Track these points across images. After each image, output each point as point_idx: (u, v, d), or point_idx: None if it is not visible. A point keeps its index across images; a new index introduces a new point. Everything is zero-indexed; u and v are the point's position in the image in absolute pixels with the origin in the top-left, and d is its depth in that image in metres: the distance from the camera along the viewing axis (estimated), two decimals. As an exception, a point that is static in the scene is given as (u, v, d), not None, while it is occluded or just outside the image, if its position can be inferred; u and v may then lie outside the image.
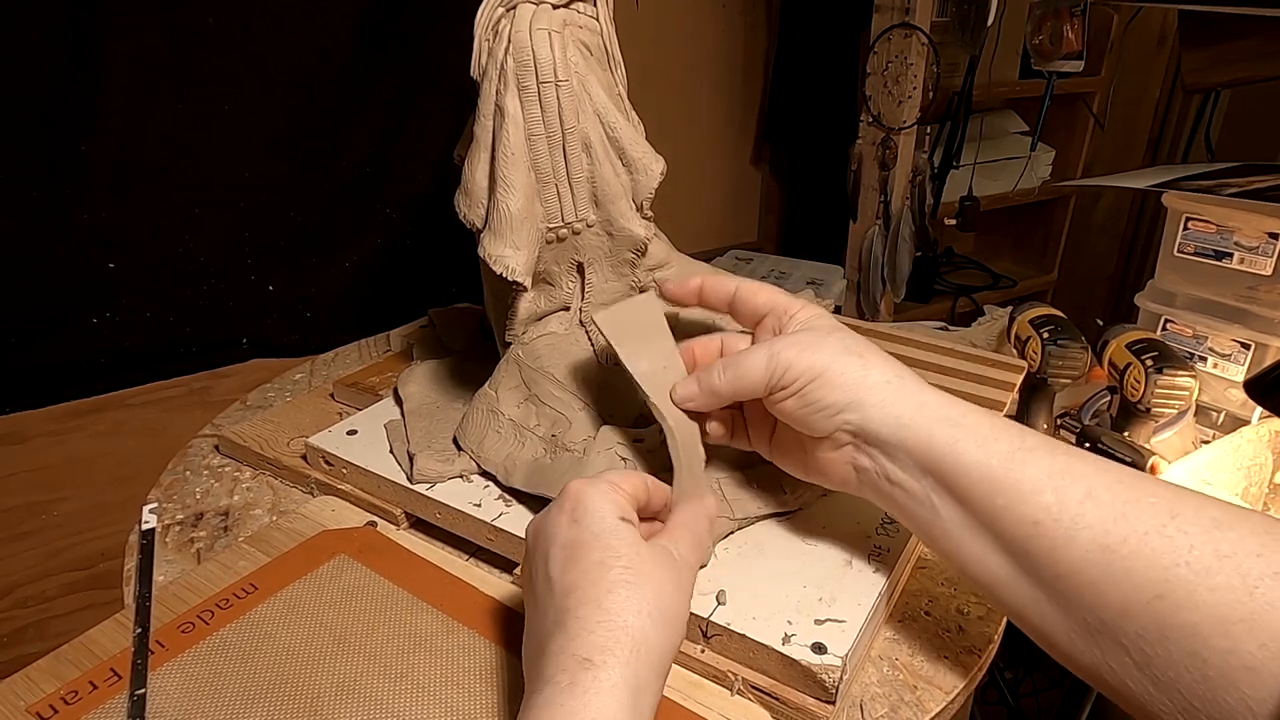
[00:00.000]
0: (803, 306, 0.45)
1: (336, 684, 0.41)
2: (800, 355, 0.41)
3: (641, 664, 0.33)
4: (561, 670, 0.33)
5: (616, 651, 0.33)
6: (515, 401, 0.55)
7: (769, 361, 0.42)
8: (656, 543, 0.39)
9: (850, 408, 0.41)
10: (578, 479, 0.40)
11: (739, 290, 0.47)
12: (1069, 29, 1.38)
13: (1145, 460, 0.69)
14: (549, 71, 0.49)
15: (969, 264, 1.89)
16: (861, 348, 0.42)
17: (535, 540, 0.40)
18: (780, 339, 0.43)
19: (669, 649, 0.36)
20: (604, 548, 0.36)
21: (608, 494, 0.39)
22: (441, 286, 1.01)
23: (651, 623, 0.34)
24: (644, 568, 0.36)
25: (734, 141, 1.72)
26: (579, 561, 0.36)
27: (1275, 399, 0.71)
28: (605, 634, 0.33)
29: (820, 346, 0.42)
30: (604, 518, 0.38)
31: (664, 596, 0.36)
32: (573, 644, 0.33)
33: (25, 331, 0.82)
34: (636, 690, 0.33)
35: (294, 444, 0.62)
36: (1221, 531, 0.32)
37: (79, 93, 0.79)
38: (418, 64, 0.95)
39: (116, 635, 0.45)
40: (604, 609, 0.34)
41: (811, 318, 0.45)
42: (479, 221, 0.51)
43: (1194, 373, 0.76)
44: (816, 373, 0.41)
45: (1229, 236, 0.87)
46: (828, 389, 0.41)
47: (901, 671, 0.44)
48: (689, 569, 0.39)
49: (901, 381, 0.41)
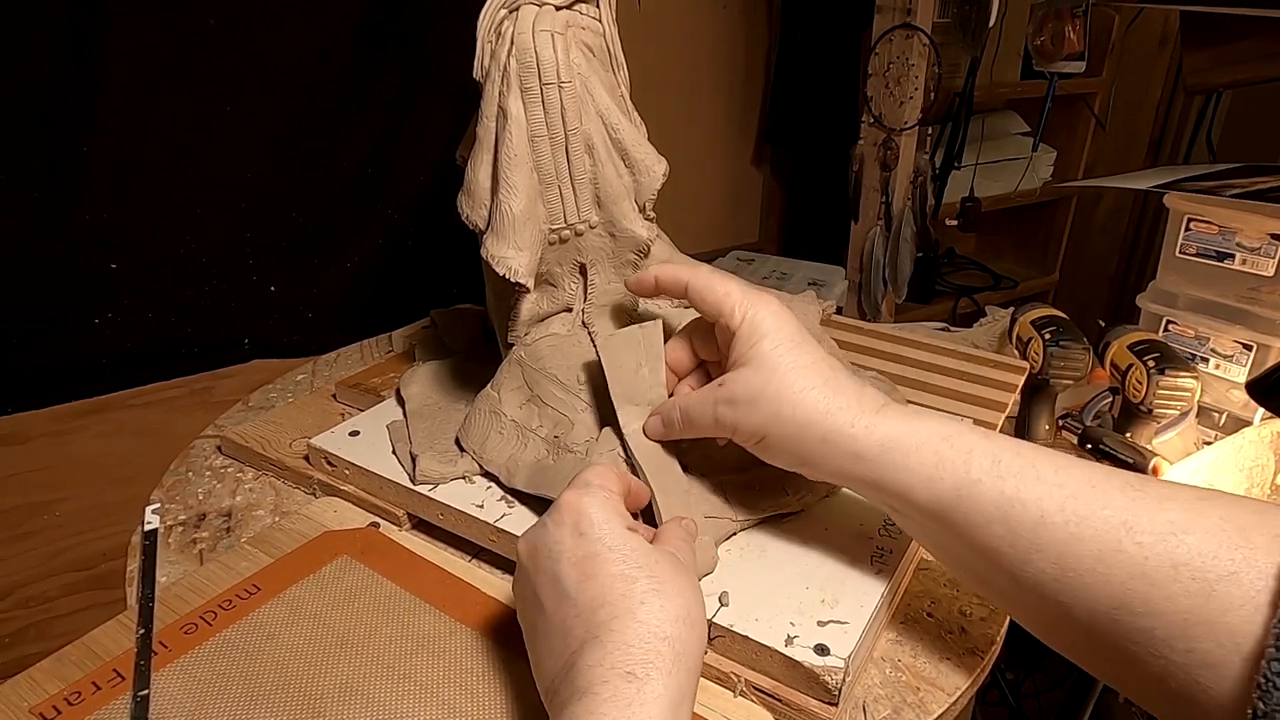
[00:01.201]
0: (742, 317, 0.44)
1: (339, 685, 0.41)
2: (742, 419, 0.43)
3: (682, 672, 0.33)
4: (602, 682, 0.32)
5: (659, 664, 0.33)
6: (518, 403, 0.55)
7: (715, 422, 0.44)
8: (662, 549, 0.39)
9: (802, 463, 0.43)
10: (569, 490, 0.40)
11: (689, 286, 0.46)
12: (1070, 30, 1.38)
13: (1147, 461, 0.69)
14: (552, 73, 0.49)
15: (970, 265, 1.89)
16: (799, 382, 0.41)
17: (535, 558, 0.39)
18: (722, 390, 0.44)
19: (701, 651, 0.36)
20: (622, 559, 0.36)
21: (607, 503, 0.39)
22: (443, 287, 1.01)
23: (686, 629, 0.35)
24: (666, 575, 0.36)
25: (735, 142, 1.72)
26: (598, 575, 0.36)
27: (1277, 400, 0.71)
28: (646, 647, 0.33)
29: (758, 404, 0.42)
30: (613, 528, 0.38)
31: (689, 601, 0.36)
32: (611, 658, 0.33)
33: (26, 332, 0.82)
34: (678, 701, 0.33)
35: (296, 445, 0.62)
36: (1178, 537, 0.32)
37: (79, 93, 0.79)
38: (418, 64, 0.95)
39: (119, 636, 0.45)
40: (640, 621, 0.34)
41: (753, 334, 0.43)
42: (481, 222, 0.51)
43: (1196, 374, 0.76)
44: (759, 435, 0.43)
45: (1231, 237, 0.87)
46: (774, 453, 0.43)
47: (904, 673, 0.44)
48: (694, 572, 0.40)
49: (839, 433, 0.40)
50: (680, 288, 0.47)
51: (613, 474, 0.42)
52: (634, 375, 0.50)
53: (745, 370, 0.43)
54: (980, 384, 0.70)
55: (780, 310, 0.44)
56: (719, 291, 0.45)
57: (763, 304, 0.44)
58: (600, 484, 0.40)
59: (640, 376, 0.50)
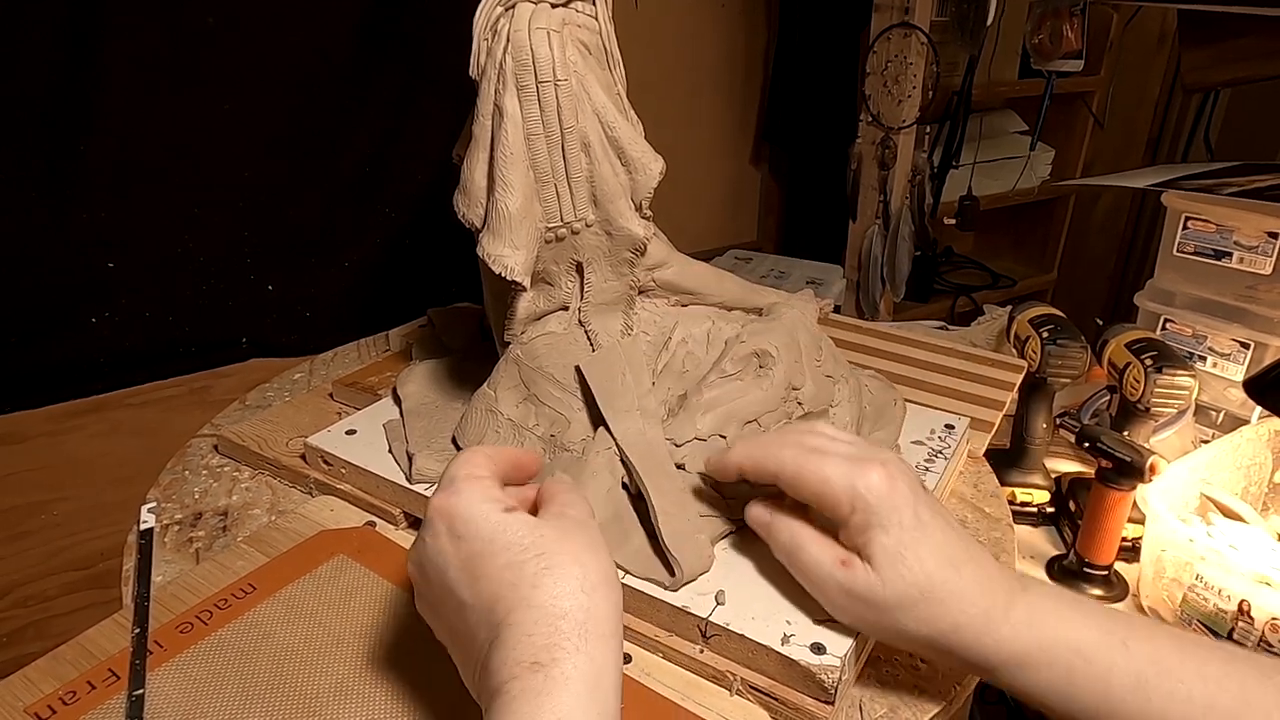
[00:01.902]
0: (851, 507, 0.39)
1: (335, 684, 0.41)
2: (861, 615, 0.39)
3: (593, 643, 0.32)
4: (511, 679, 0.31)
5: (563, 644, 0.32)
6: (514, 401, 0.55)
7: (836, 604, 0.40)
8: (547, 514, 0.38)
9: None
10: (436, 494, 0.38)
11: (780, 478, 0.42)
12: (1068, 28, 1.38)
13: (1145, 460, 0.69)
14: (548, 71, 0.49)
15: (968, 263, 1.89)
16: (923, 593, 0.37)
17: (423, 573, 0.37)
18: (845, 575, 0.39)
19: (613, 610, 0.35)
20: (505, 548, 0.35)
21: (476, 491, 0.37)
22: (441, 286, 1.01)
23: (587, 596, 0.34)
24: (553, 547, 0.35)
25: (733, 141, 1.72)
26: (486, 573, 0.34)
27: (1275, 398, 0.71)
28: (546, 630, 0.32)
29: (878, 609, 0.38)
30: (487, 519, 0.36)
31: (585, 564, 0.35)
32: (515, 653, 0.32)
33: (25, 331, 0.82)
34: (594, 676, 0.32)
35: (293, 444, 0.62)
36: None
37: (79, 93, 0.79)
38: (418, 64, 0.95)
39: (115, 635, 0.45)
40: (535, 606, 0.33)
41: (866, 525, 0.38)
42: (478, 221, 0.51)
43: (1193, 372, 0.76)
44: (875, 637, 0.40)
45: (1228, 236, 0.87)
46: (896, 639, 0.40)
47: (901, 671, 0.44)
48: (589, 525, 0.38)
49: (966, 648, 0.37)
50: (768, 478, 0.43)
51: (481, 457, 0.40)
52: (618, 383, 0.51)
53: (867, 572, 0.38)
54: (978, 382, 0.70)
55: (891, 484, 0.39)
56: (815, 481, 0.40)
57: (870, 486, 0.38)
58: (466, 475, 0.38)
59: (625, 383, 0.51)
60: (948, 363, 0.73)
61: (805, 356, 0.55)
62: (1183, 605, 0.70)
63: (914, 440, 0.59)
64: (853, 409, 0.57)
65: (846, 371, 0.60)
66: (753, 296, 0.62)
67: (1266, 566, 0.65)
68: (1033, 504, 0.86)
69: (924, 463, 0.56)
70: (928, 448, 0.58)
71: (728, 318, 0.59)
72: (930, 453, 0.57)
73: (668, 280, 0.57)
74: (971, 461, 0.63)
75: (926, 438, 0.59)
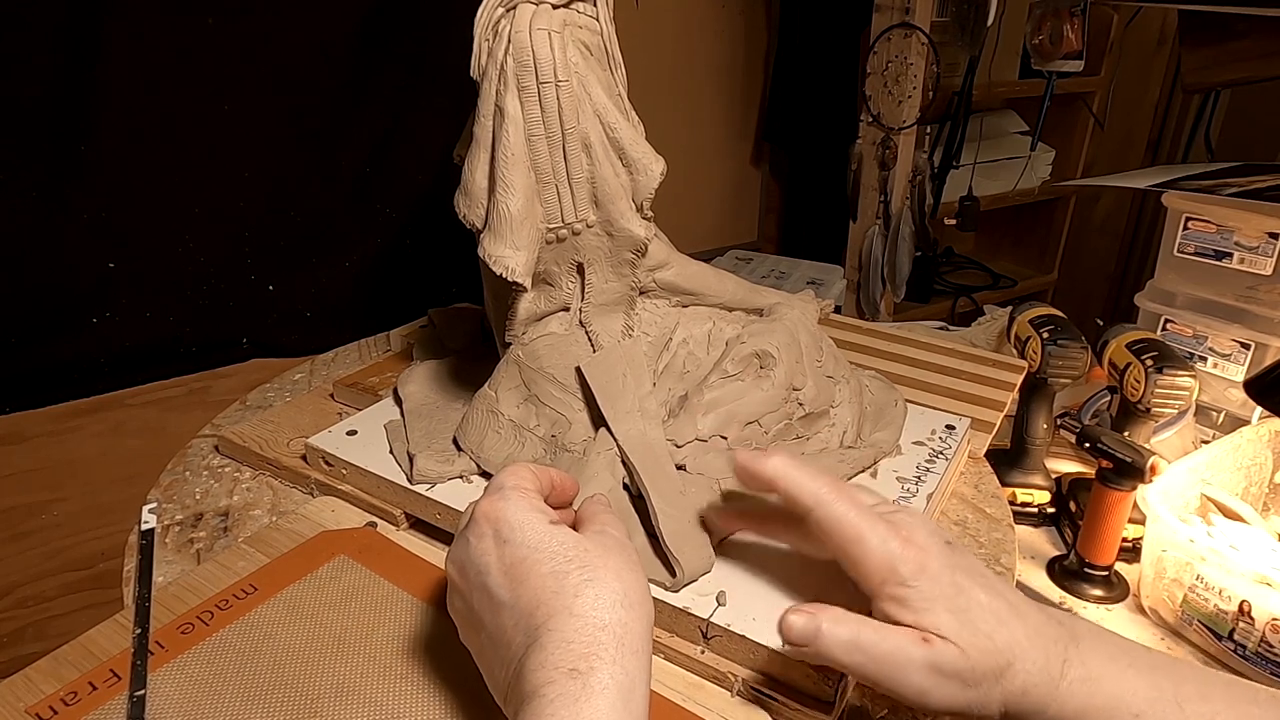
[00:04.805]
0: (900, 579, 0.36)
1: (336, 685, 0.41)
2: (930, 690, 0.35)
3: (628, 658, 0.33)
4: (548, 683, 0.32)
5: (602, 655, 0.32)
6: (515, 402, 0.55)
7: (910, 689, 0.35)
8: (589, 531, 0.39)
9: None
10: (484, 498, 0.38)
11: (811, 517, 0.39)
12: (1069, 29, 1.38)
13: (1145, 460, 0.69)
14: (549, 72, 0.49)
15: (969, 264, 1.89)
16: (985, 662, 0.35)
17: (464, 574, 0.38)
18: (929, 652, 0.35)
19: (646, 629, 0.35)
20: (550, 557, 0.36)
21: (523, 502, 0.38)
22: (441, 286, 1.01)
23: (626, 611, 0.34)
24: (597, 561, 0.36)
25: (734, 141, 1.72)
26: (529, 578, 0.35)
27: (1275, 399, 0.71)
28: (586, 639, 0.33)
29: (972, 686, 0.35)
30: (534, 527, 0.37)
31: (626, 581, 0.35)
32: (553, 657, 0.32)
33: (25, 331, 0.82)
34: (628, 688, 0.32)
35: (294, 444, 0.62)
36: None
37: (79, 93, 0.79)
38: (418, 64, 0.95)
39: (116, 636, 0.45)
40: (576, 615, 0.34)
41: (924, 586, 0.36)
42: (479, 222, 0.51)
43: (1194, 373, 0.76)
44: (972, 711, 0.36)
45: (1229, 236, 0.87)
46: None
47: (901, 672, 0.44)
48: (628, 546, 0.39)
49: (1025, 713, 0.36)
50: (801, 509, 0.39)
51: (527, 471, 0.41)
52: (619, 384, 0.51)
53: (945, 645, 0.35)
54: (979, 383, 0.70)
55: (923, 554, 0.36)
56: (849, 536, 0.37)
57: (907, 559, 0.36)
58: (514, 485, 0.39)
59: (626, 384, 0.51)
60: (948, 363, 0.73)
61: (806, 357, 0.55)
62: (1183, 605, 0.70)
63: (914, 440, 0.59)
64: (853, 409, 0.57)
65: (847, 372, 0.60)
66: (753, 297, 0.62)
67: (1267, 567, 0.65)
68: (1033, 504, 0.86)
69: (924, 463, 0.56)
70: (928, 448, 0.58)
71: (728, 318, 0.60)
72: (931, 453, 0.57)
73: (668, 281, 0.57)
74: (972, 462, 0.63)
75: (927, 438, 0.59)
